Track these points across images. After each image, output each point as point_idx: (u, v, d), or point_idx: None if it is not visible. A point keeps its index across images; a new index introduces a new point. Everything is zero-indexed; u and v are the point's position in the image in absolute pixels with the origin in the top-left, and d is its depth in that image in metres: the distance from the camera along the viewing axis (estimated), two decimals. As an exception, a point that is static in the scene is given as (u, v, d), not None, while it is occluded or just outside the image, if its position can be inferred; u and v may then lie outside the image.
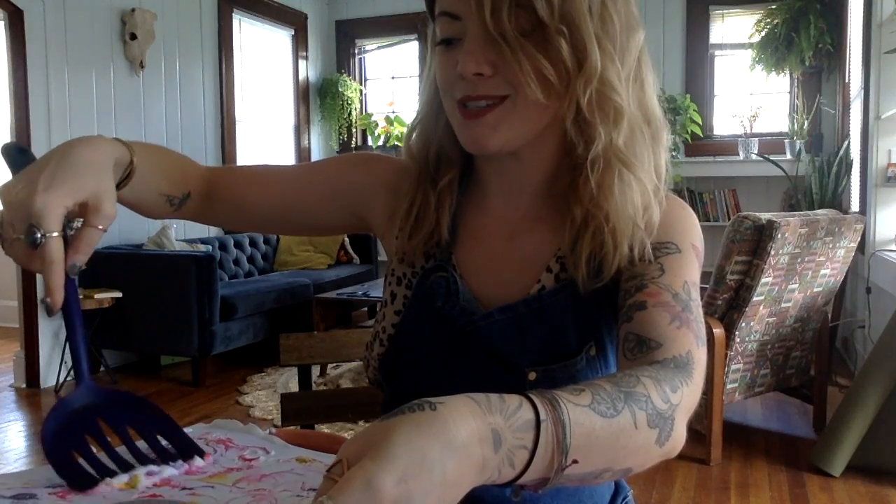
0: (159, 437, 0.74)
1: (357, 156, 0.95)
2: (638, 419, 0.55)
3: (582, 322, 0.78)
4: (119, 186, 0.74)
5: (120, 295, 3.77)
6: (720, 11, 5.20)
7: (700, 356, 0.67)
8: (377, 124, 5.74)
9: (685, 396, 0.60)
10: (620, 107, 0.73)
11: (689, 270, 0.75)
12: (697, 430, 2.71)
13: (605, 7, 0.71)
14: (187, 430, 0.86)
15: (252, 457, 0.77)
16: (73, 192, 0.64)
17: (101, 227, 0.66)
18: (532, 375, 0.77)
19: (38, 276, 3.81)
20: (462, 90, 0.73)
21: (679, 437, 0.58)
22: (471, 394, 0.49)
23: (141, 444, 0.73)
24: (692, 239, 0.79)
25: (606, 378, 0.58)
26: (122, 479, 0.68)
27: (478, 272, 0.83)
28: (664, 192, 0.81)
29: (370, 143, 5.93)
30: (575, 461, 0.50)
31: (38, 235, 0.62)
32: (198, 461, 0.73)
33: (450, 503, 0.45)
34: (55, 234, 0.63)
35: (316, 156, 6.05)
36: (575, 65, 0.70)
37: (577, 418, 0.50)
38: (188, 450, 0.74)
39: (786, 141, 4.84)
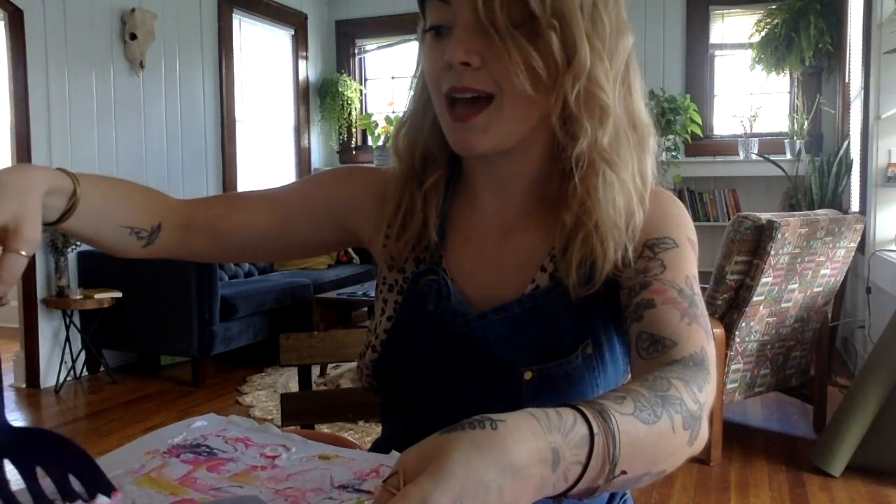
0: (70, 476, 0.67)
1: (339, 170, 0.94)
2: (675, 422, 0.55)
3: (577, 320, 0.79)
4: (63, 217, 0.71)
5: (120, 295, 3.77)
6: (720, 11, 5.20)
7: (711, 351, 0.68)
8: (377, 124, 5.74)
9: (708, 394, 0.61)
10: (607, 105, 0.74)
11: (688, 264, 0.76)
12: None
13: (595, 7, 0.72)
14: (201, 420, 0.86)
15: (274, 454, 0.77)
16: None
17: (23, 252, 0.60)
18: (528, 375, 0.77)
19: (39, 273, 3.76)
20: (448, 81, 0.72)
21: (704, 435, 0.59)
22: (530, 409, 0.48)
23: (46, 484, 0.66)
24: (687, 233, 0.80)
25: (639, 382, 0.58)
26: None
27: (471, 273, 0.83)
28: (652, 187, 0.81)
29: (370, 143, 5.92)
30: (623, 472, 0.50)
31: None
32: (101, 499, 0.65)
33: None
34: None
35: (316, 156, 6.05)
36: (564, 60, 0.70)
37: (624, 428, 0.51)
38: (95, 487, 0.66)
39: (786, 141, 4.84)
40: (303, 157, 5.90)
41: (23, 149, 3.73)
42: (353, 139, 6.07)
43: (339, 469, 0.73)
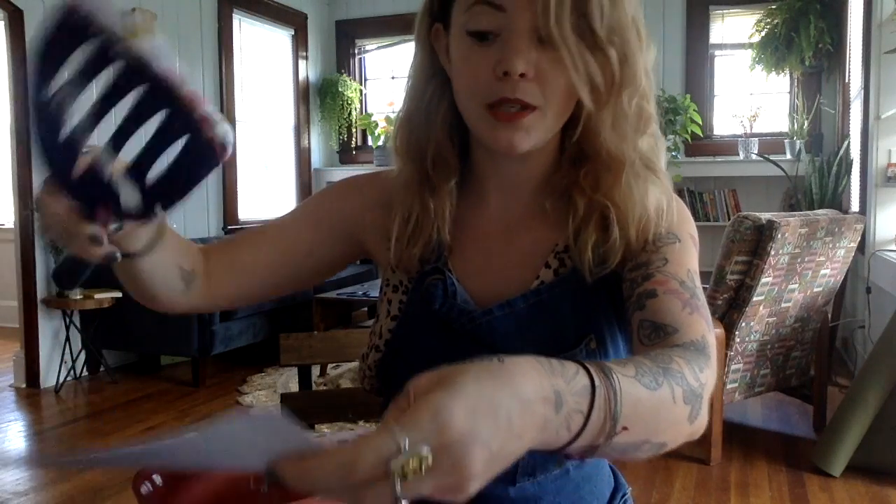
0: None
1: (338, 184, 0.93)
2: (676, 394, 0.56)
3: (580, 315, 0.79)
4: (149, 247, 0.70)
5: (120, 295, 3.76)
6: (720, 11, 5.20)
7: (712, 340, 0.69)
8: (377, 124, 5.74)
9: (708, 378, 0.62)
10: (651, 116, 0.77)
11: (689, 259, 0.78)
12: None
13: (634, 22, 0.73)
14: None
15: None
16: None
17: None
18: None
19: (39, 273, 3.77)
20: (498, 91, 0.71)
21: (704, 417, 0.60)
22: (534, 356, 0.49)
23: None
24: (689, 229, 0.82)
25: (643, 354, 0.59)
26: None
27: (476, 272, 0.83)
28: None
29: (370, 143, 5.93)
30: (624, 428, 0.51)
31: None
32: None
33: (511, 454, 0.44)
34: None
35: (316, 156, 6.05)
36: (620, 75, 0.71)
37: (626, 387, 0.52)
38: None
39: (786, 141, 4.84)
40: (303, 157, 5.90)
41: (23, 149, 3.73)
42: (353, 139, 6.07)
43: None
